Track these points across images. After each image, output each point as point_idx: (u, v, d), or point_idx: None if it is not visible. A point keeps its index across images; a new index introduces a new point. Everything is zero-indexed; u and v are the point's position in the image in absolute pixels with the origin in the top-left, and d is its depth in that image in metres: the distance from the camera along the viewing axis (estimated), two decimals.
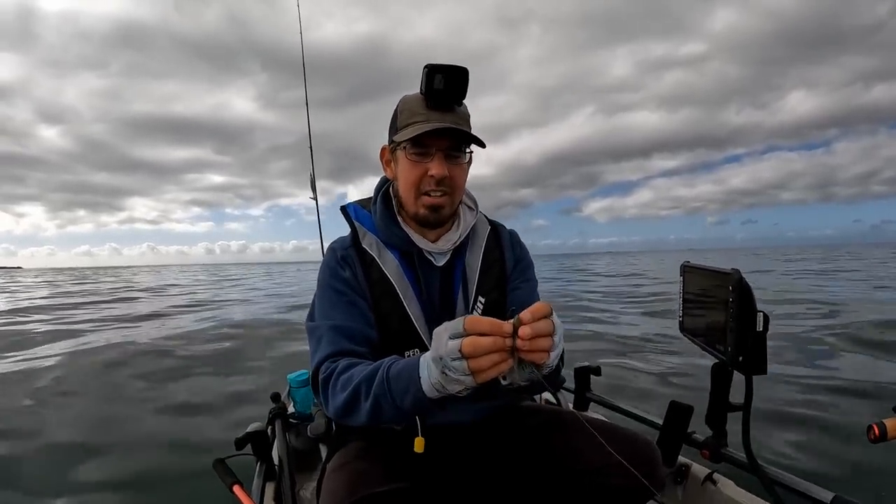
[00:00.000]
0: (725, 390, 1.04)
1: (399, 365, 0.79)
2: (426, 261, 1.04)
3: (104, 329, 8.20)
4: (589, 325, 7.06)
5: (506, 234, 1.16)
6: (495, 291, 1.07)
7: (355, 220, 1.08)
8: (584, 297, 11.80)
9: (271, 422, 1.56)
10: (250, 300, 14.07)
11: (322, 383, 0.90)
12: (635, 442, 0.94)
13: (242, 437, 1.32)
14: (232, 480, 1.18)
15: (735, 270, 0.85)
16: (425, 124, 0.93)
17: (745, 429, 0.96)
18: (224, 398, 3.89)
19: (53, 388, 4.31)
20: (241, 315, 9.81)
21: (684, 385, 3.77)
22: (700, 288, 1.01)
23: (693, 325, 1.04)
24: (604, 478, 0.91)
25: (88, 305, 13.14)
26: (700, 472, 1.28)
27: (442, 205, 0.98)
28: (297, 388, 1.72)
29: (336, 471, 0.93)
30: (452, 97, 0.95)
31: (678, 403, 1.30)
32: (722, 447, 1.13)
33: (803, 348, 4.89)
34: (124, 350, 5.95)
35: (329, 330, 0.95)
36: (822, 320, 6.58)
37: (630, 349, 5.25)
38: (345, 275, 1.00)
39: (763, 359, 0.86)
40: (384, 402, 0.78)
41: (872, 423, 0.84)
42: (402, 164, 0.98)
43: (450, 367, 0.66)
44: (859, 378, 3.72)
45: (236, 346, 6.29)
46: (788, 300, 8.92)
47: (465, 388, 0.68)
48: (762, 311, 0.83)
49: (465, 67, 0.92)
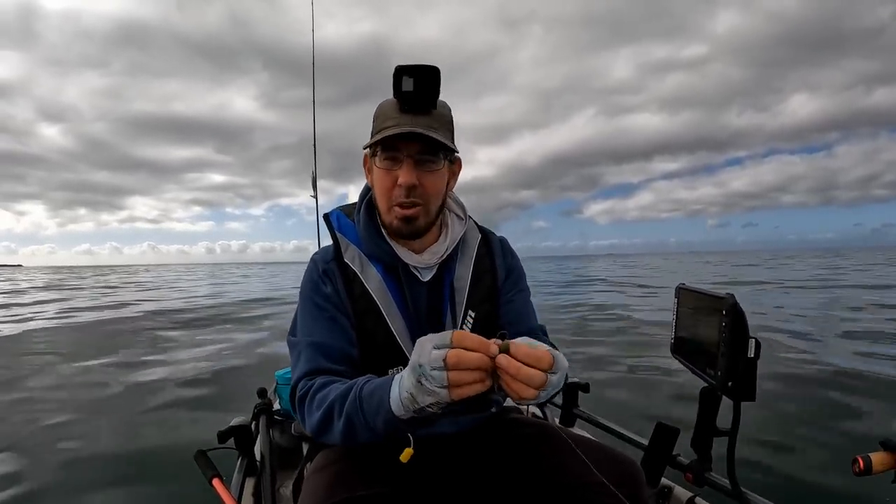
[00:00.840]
0: (713, 414, 1.03)
1: (373, 384, 0.77)
2: (412, 276, 1.00)
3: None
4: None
5: (496, 241, 1.13)
6: (487, 304, 1.05)
7: (338, 232, 1.04)
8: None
9: (256, 417, 1.55)
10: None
11: (299, 401, 0.88)
12: (619, 461, 0.93)
13: (226, 431, 1.31)
14: (212, 473, 1.17)
15: (730, 295, 0.85)
16: (394, 129, 0.89)
17: (731, 454, 0.96)
18: None
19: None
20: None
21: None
22: (694, 311, 1.01)
23: (685, 348, 1.04)
24: (587, 495, 0.91)
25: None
26: (683, 495, 1.27)
27: (415, 216, 0.93)
28: (283, 385, 1.71)
29: (317, 472, 0.92)
30: (423, 99, 0.90)
31: (664, 425, 1.29)
32: (706, 471, 1.12)
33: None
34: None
35: (308, 346, 0.92)
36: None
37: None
38: (326, 290, 0.97)
39: (752, 385, 0.86)
40: (357, 422, 0.77)
41: (858, 457, 0.84)
42: (376, 172, 0.95)
43: (428, 375, 0.63)
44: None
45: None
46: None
47: (436, 401, 0.65)
48: (755, 336, 0.83)
49: (435, 67, 0.88)
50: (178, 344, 6.95)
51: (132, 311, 11.70)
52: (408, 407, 0.69)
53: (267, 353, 6.16)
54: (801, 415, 3.45)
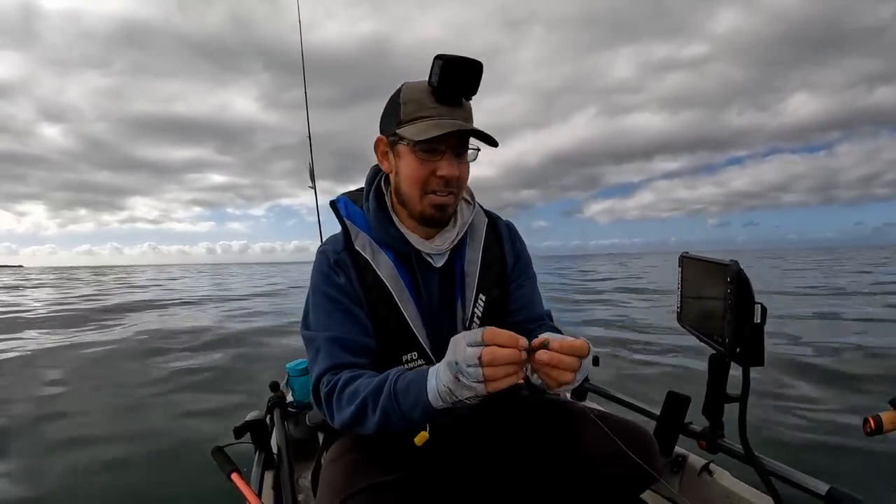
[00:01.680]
0: (723, 381, 1.04)
1: (407, 378, 0.80)
2: (424, 262, 1.00)
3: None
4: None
5: (504, 227, 1.13)
6: (496, 288, 1.05)
7: (346, 219, 1.03)
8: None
9: (270, 410, 1.56)
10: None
11: (325, 397, 0.89)
12: (632, 432, 0.94)
13: (241, 426, 1.32)
14: (230, 468, 1.18)
15: (733, 262, 0.85)
16: (436, 120, 0.89)
17: (742, 420, 0.96)
18: None
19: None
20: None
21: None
22: (698, 279, 1.00)
23: (691, 317, 1.04)
24: (601, 467, 0.92)
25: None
26: (697, 462, 1.28)
27: (448, 203, 0.95)
28: (295, 377, 1.73)
29: (334, 461, 0.93)
30: (465, 92, 0.91)
31: (676, 394, 1.30)
32: (718, 438, 1.13)
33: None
34: None
35: (326, 341, 0.92)
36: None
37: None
38: (339, 281, 0.96)
39: (761, 350, 0.86)
40: (393, 415, 0.80)
41: (868, 416, 0.84)
42: (408, 161, 0.93)
43: (464, 372, 0.68)
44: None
45: None
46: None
47: (474, 394, 0.70)
48: (760, 302, 0.83)
49: (479, 62, 0.87)
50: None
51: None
52: (445, 399, 0.73)
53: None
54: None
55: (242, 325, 8.45)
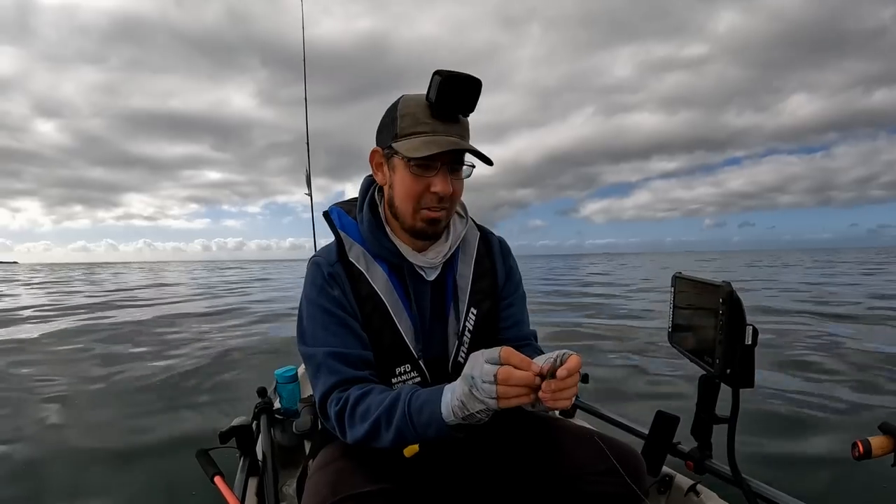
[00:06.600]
0: (712, 402, 1.04)
1: (420, 398, 0.81)
2: (416, 275, 1.00)
3: None
4: None
5: (496, 242, 1.14)
6: (487, 302, 1.06)
7: (340, 230, 1.02)
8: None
9: (256, 417, 1.54)
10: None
11: (336, 416, 0.88)
12: (621, 450, 0.94)
13: (227, 431, 1.30)
14: (214, 471, 1.17)
15: (726, 283, 0.86)
16: (431, 137, 0.88)
17: (731, 441, 0.97)
18: None
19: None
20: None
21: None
22: (691, 299, 1.01)
23: (682, 337, 1.05)
24: (589, 485, 0.92)
25: None
26: (684, 482, 1.28)
27: (441, 219, 0.95)
28: (283, 384, 1.71)
29: (321, 469, 0.92)
30: (462, 110, 0.91)
31: (664, 413, 1.30)
32: (706, 459, 1.13)
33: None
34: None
35: (327, 357, 0.91)
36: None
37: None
38: (334, 293, 0.95)
39: (751, 372, 0.86)
40: (407, 433, 0.81)
41: (857, 440, 0.85)
42: (402, 175, 0.93)
43: (479, 387, 0.71)
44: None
45: None
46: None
47: (485, 409, 0.72)
48: (751, 324, 0.84)
49: (479, 79, 0.87)
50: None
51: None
52: (457, 413, 0.75)
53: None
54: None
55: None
